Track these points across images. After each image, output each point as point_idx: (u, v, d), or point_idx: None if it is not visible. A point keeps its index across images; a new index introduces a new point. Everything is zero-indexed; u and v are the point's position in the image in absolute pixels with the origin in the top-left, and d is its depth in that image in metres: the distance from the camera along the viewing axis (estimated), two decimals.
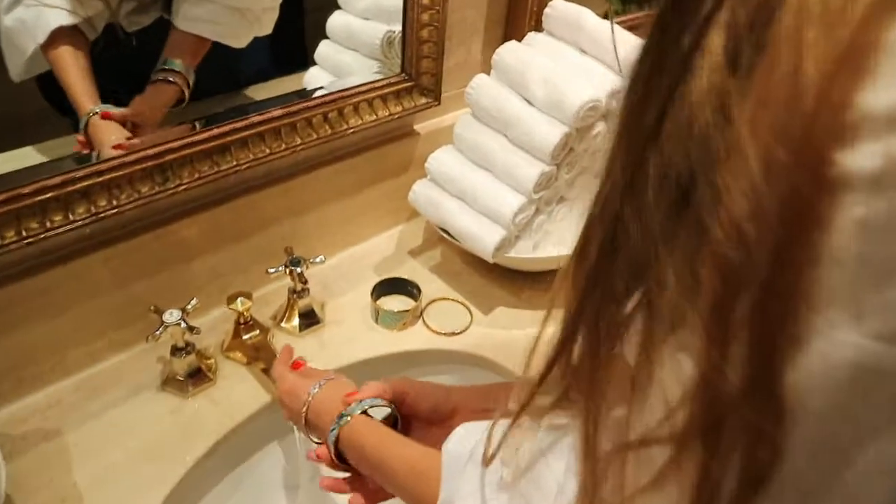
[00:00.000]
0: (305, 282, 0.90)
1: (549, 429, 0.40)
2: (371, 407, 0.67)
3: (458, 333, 0.95)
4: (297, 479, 0.93)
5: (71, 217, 0.70)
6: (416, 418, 0.71)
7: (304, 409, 0.69)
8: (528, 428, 0.40)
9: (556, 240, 1.00)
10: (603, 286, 0.31)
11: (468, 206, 0.92)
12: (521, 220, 0.88)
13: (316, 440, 0.70)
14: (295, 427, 0.85)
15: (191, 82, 0.81)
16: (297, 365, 0.79)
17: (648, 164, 0.27)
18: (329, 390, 0.70)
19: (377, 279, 1.00)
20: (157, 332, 0.76)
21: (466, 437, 0.49)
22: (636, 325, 0.30)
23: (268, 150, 0.84)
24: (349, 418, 0.65)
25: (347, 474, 0.69)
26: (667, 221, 0.27)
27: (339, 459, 0.67)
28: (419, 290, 0.97)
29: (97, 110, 0.74)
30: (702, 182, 0.25)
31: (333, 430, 0.65)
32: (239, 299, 0.85)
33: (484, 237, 0.89)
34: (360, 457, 0.64)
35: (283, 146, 0.85)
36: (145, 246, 0.81)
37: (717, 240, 0.24)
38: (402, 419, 0.71)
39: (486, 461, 0.42)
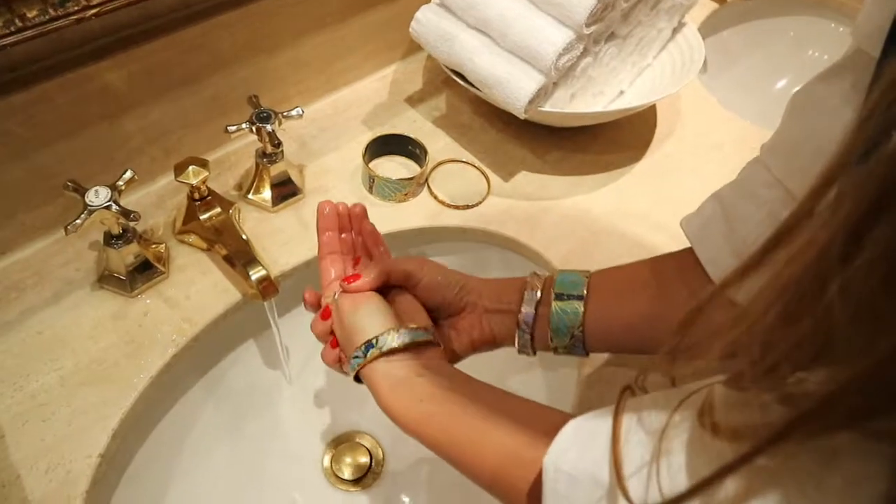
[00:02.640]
0: (278, 144, 0.68)
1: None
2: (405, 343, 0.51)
3: (474, 206, 0.76)
4: (279, 379, 0.77)
5: None
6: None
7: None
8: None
9: (598, 88, 0.79)
10: None
11: (494, 43, 0.69)
12: (564, 64, 0.66)
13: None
14: (272, 321, 0.69)
15: None
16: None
17: None
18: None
19: (369, 136, 0.78)
20: (78, 221, 0.56)
21: (578, 452, 0.32)
22: None
23: None
24: (363, 358, 0.50)
25: None
26: None
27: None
28: (424, 151, 0.77)
29: None
30: None
31: (357, 358, 0.50)
32: (190, 168, 0.63)
33: (515, 85, 0.67)
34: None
35: None
36: (49, 97, 0.58)
37: None
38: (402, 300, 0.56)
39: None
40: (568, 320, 0.53)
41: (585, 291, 0.53)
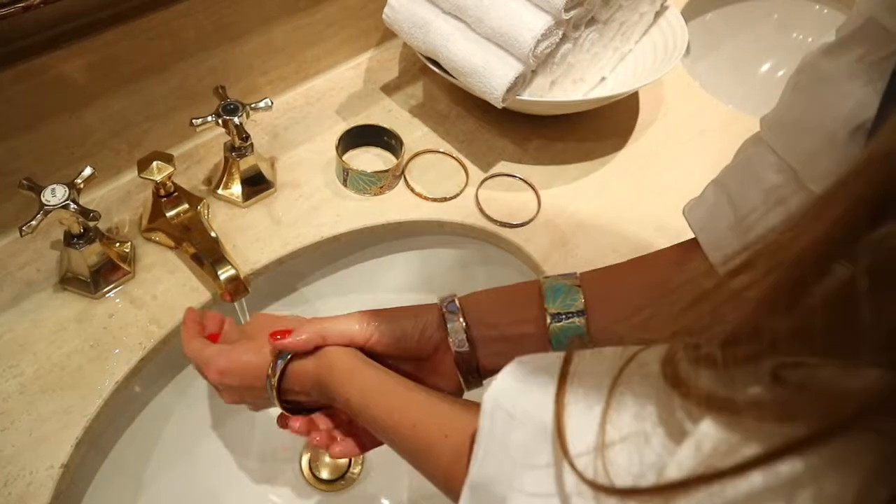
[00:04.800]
0: (247, 137, 0.66)
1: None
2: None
3: (452, 198, 0.73)
4: None
5: None
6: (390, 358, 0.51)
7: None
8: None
9: (579, 75, 0.77)
10: None
11: (469, 29, 0.66)
12: (543, 51, 0.64)
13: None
14: (243, 321, 0.66)
15: None
16: (214, 337, 0.58)
17: None
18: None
19: (343, 126, 0.76)
20: (34, 223, 0.53)
21: (522, 390, 0.30)
22: None
23: None
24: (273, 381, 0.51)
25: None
26: None
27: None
28: (399, 142, 0.74)
29: None
30: None
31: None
32: (154, 164, 0.61)
33: (492, 73, 0.65)
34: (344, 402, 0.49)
35: None
36: (1, 90, 0.55)
37: None
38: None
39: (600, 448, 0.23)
40: (571, 334, 0.48)
41: (583, 305, 0.47)
